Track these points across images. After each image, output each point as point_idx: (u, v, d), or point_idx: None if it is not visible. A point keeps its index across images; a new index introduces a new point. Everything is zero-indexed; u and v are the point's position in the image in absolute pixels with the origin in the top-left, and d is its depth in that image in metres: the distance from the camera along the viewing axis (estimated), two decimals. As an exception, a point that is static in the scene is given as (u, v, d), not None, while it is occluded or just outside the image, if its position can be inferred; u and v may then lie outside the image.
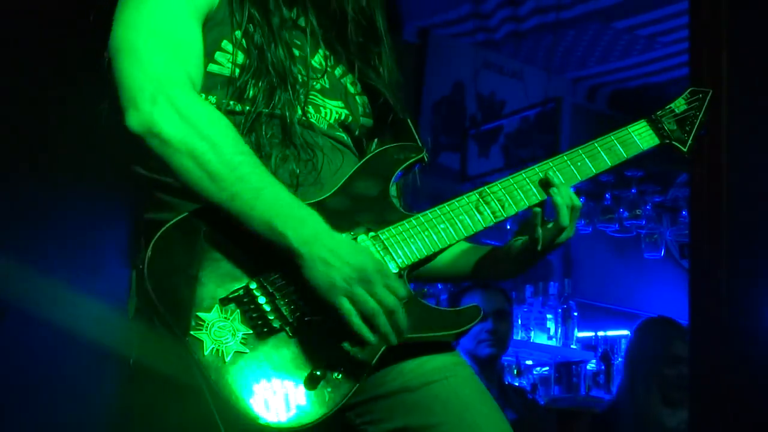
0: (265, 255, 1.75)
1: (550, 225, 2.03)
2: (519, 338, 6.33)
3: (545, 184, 2.03)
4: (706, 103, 2.24)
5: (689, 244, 4.12)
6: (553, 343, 6.65)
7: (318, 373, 1.72)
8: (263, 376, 1.71)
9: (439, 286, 6.58)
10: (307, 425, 1.70)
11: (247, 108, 1.89)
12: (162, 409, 1.82)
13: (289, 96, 1.91)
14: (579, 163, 2.09)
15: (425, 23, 6.54)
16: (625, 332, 7.23)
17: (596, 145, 2.13)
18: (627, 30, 6.64)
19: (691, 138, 2.20)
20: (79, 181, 4.38)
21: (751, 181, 3.73)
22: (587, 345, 6.97)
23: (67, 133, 4.30)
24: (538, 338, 6.59)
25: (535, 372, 6.86)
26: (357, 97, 2.08)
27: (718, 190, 3.71)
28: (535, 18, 6.58)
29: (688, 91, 2.28)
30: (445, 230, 1.94)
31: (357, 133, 2.07)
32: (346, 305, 1.72)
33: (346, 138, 2.03)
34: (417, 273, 1.97)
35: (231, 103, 1.90)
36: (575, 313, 6.76)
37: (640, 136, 2.17)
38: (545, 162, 2.09)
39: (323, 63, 2.04)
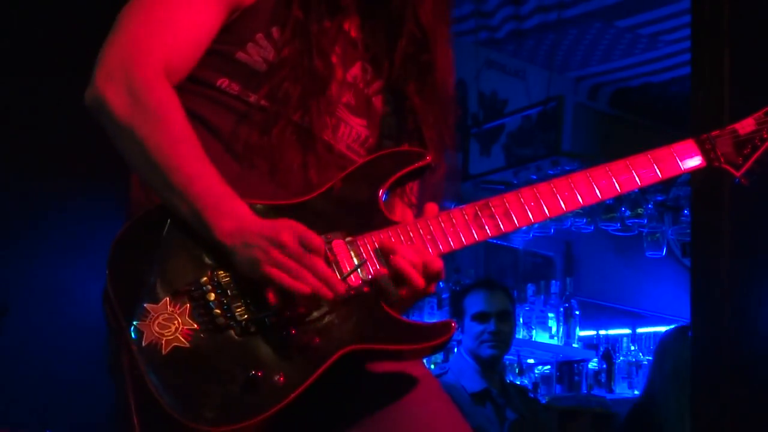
0: (219, 247, 1.73)
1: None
2: (521, 337, 6.33)
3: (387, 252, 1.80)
4: None
5: (691, 243, 4.12)
6: (554, 341, 6.65)
7: (259, 374, 1.67)
8: (199, 373, 1.67)
9: (441, 284, 6.58)
10: (232, 429, 1.65)
11: (273, 108, 1.86)
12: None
13: (318, 106, 1.88)
14: (603, 181, 1.93)
15: (427, 22, 6.52)
16: (627, 331, 7.24)
17: (627, 162, 1.95)
18: (629, 29, 6.63)
19: (749, 162, 2.01)
20: (80, 181, 4.38)
21: (753, 180, 3.73)
22: (589, 344, 6.98)
23: (69, 132, 4.30)
24: (540, 337, 6.60)
25: (536, 371, 6.86)
26: (384, 118, 2.02)
27: (720, 189, 3.70)
28: (536, 17, 6.57)
29: (763, 111, 2.03)
30: (431, 241, 1.84)
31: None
32: (273, 272, 1.68)
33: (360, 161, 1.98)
34: None
35: (256, 96, 1.87)
36: (577, 312, 6.76)
37: (682, 156, 1.98)
38: (562, 177, 1.93)
39: (358, 76, 1.99)
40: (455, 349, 5.12)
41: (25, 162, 4.33)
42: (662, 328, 7.60)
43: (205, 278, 1.73)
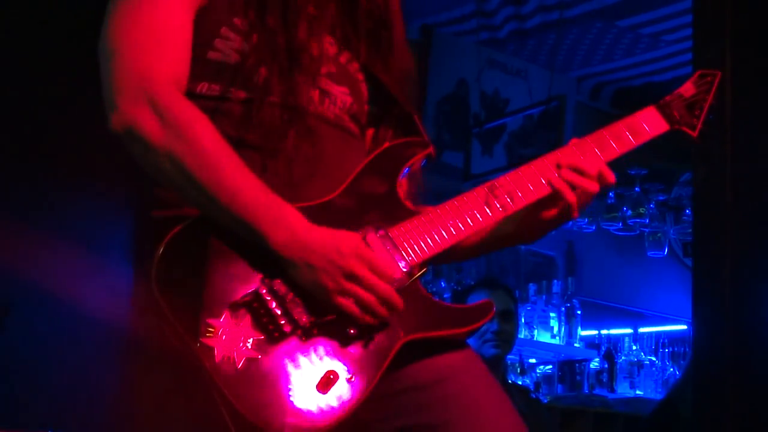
0: (273, 256, 1.74)
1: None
2: (522, 336, 6.33)
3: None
4: (714, 86, 2.18)
5: (693, 243, 4.12)
6: (556, 341, 6.65)
7: (331, 376, 1.71)
8: (276, 382, 1.69)
9: (443, 284, 6.58)
10: (322, 430, 1.69)
11: (254, 95, 1.86)
12: (172, 403, 1.79)
13: (299, 82, 1.89)
14: (588, 152, 2.06)
15: (429, 21, 6.53)
16: (628, 330, 7.24)
17: (605, 133, 2.10)
18: (631, 28, 6.63)
19: (700, 122, 2.15)
20: (82, 179, 4.38)
21: (755, 179, 3.73)
22: (590, 343, 6.98)
23: (71, 130, 4.31)
24: (542, 336, 6.59)
25: (538, 370, 6.86)
26: (362, 84, 2.05)
27: (722, 189, 3.70)
28: (538, 16, 6.57)
29: (697, 74, 2.21)
30: (455, 225, 1.93)
31: (363, 120, 2.05)
32: (344, 303, 1.75)
33: (353, 127, 2.01)
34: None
35: (237, 90, 1.86)
36: (579, 312, 6.76)
37: (649, 123, 2.13)
38: (554, 152, 2.06)
39: (330, 47, 2.00)
40: (457, 349, 5.11)
41: (27, 161, 4.33)
42: (664, 328, 7.62)
43: (261, 287, 1.74)
